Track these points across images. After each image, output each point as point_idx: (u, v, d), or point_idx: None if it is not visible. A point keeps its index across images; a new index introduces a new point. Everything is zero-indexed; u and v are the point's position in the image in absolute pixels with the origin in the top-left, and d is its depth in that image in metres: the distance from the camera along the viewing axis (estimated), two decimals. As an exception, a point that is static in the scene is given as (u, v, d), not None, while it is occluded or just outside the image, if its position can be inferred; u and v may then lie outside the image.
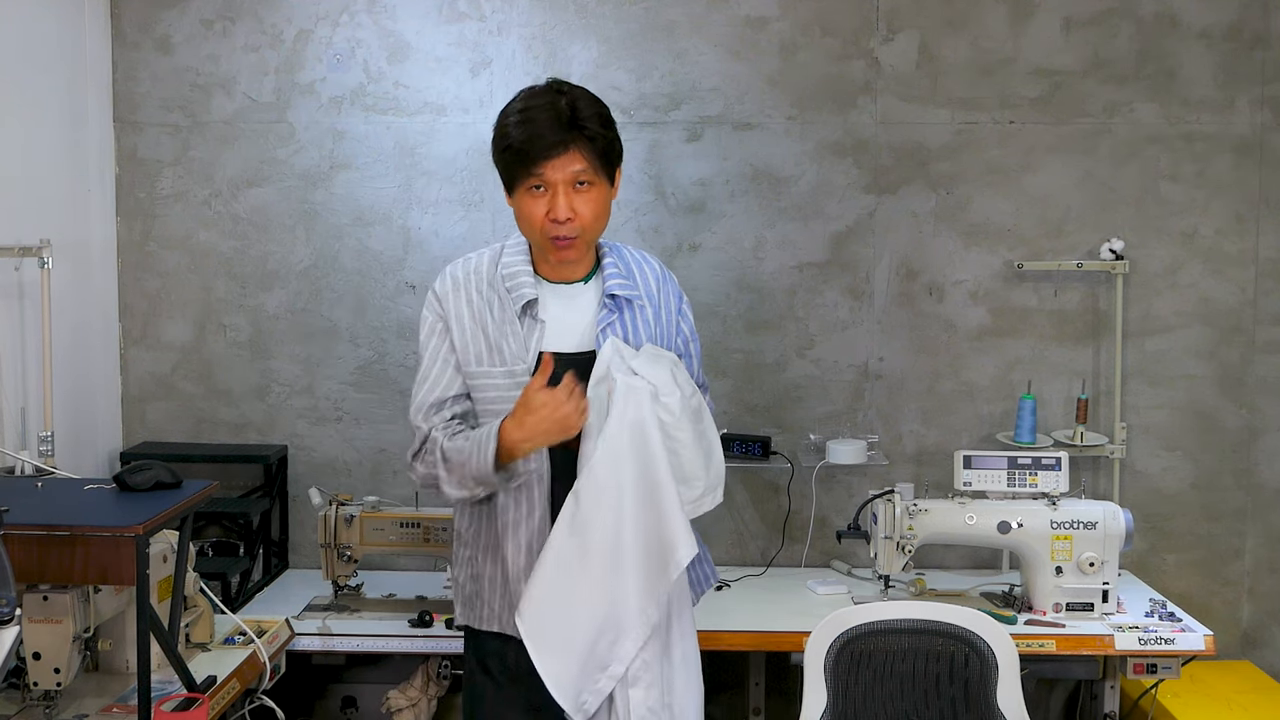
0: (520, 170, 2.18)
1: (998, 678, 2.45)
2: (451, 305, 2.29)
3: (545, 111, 2.16)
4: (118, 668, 2.55)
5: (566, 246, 2.21)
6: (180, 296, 3.54)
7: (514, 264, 2.29)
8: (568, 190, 2.17)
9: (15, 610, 1.79)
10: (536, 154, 2.15)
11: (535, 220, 2.19)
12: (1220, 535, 3.55)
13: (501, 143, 2.20)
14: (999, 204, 3.50)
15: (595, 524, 2.14)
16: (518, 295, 2.26)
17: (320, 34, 3.48)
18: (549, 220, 2.18)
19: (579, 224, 2.19)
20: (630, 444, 2.15)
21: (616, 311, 2.29)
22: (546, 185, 2.17)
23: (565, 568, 2.16)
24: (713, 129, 3.49)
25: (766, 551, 3.56)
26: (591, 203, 2.20)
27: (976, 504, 3.09)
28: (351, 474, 3.55)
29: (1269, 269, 3.51)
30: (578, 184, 2.18)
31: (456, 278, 2.31)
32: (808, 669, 2.48)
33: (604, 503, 2.14)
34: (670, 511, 2.16)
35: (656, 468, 2.16)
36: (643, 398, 2.16)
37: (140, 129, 3.50)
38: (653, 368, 2.21)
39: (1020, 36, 3.47)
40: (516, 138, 2.16)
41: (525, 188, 2.19)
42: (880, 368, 3.54)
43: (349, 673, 3.46)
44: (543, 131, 2.15)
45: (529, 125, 2.16)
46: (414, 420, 2.29)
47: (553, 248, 2.21)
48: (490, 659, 2.32)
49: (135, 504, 2.29)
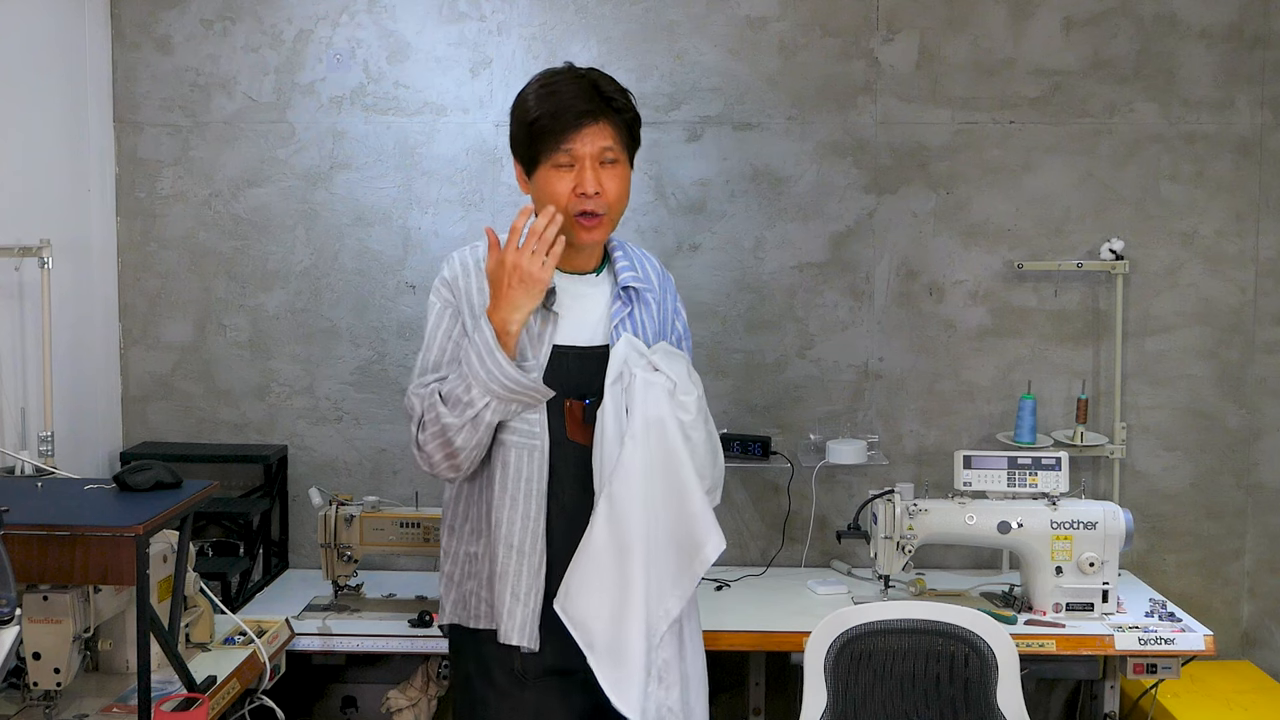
0: (548, 143, 2.12)
1: (998, 678, 2.46)
2: (463, 289, 2.21)
3: (571, 85, 2.13)
4: (118, 668, 2.55)
5: (594, 225, 2.16)
6: (180, 296, 3.54)
7: None
8: (595, 165, 2.14)
9: (15, 610, 1.78)
10: (566, 125, 2.10)
11: (561, 197, 2.13)
12: (1220, 535, 3.55)
13: (526, 118, 2.15)
14: (999, 204, 3.50)
15: (631, 522, 2.10)
16: None
17: (320, 34, 3.48)
18: (576, 195, 2.13)
19: (606, 200, 2.15)
20: (656, 440, 2.13)
21: (630, 304, 2.25)
22: (574, 160, 2.13)
23: (605, 568, 2.11)
24: (713, 129, 3.49)
25: (766, 551, 3.56)
26: (618, 179, 2.17)
27: (976, 504, 3.09)
28: (351, 474, 3.55)
29: (1269, 269, 3.51)
30: (604, 161, 2.15)
31: (466, 264, 2.24)
32: (808, 669, 2.48)
33: (636, 499, 2.10)
34: (697, 506, 2.15)
35: (681, 463, 2.14)
36: (661, 394, 2.14)
37: (140, 129, 3.50)
38: (670, 364, 2.19)
39: (1020, 36, 3.47)
40: (544, 109, 2.11)
41: (551, 164, 2.14)
42: (880, 368, 3.54)
43: (349, 673, 3.46)
44: (572, 103, 2.11)
45: (555, 98, 2.12)
46: (410, 399, 2.17)
47: (578, 226, 2.15)
48: (492, 662, 2.20)
49: (135, 504, 2.29)
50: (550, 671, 2.20)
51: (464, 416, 2.09)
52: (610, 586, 2.11)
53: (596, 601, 2.11)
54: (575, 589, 2.12)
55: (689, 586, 2.18)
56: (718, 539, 2.17)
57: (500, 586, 2.17)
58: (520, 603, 2.16)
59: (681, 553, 2.16)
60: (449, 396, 2.10)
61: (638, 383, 2.13)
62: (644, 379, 2.13)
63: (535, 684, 2.19)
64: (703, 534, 2.16)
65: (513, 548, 2.16)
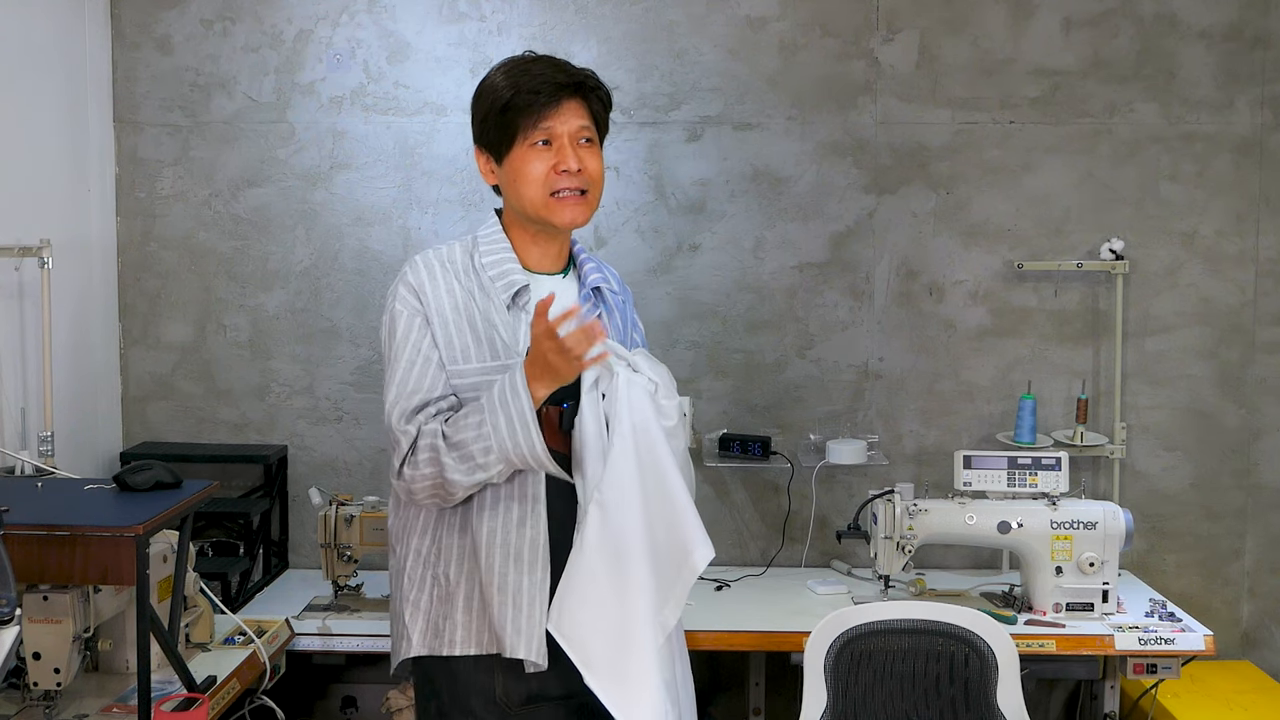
0: (524, 123, 2.07)
1: (998, 678, 2.46)
2: (430, 296, 2.10)
3: (541, 63, 2.10)
4: (118, 668, 2.55)
5: (576, 201, 2.10)
6: (180, 296, 3.54)
7: (496, 252, 2.15)
8: (574, 143, 2.10)
9: (15, 610, 1.78)
10: (544, 102, 2.06)
11: (538, 176, 2.08)
12: (1220, 535, 3.55)
13: (498, 100, 2.08)
14: (999, 204, 3.50)
15: (627, 529, 2.01)
16: (507, 283, 2.12)
17: (320, 34, 3.48)
18: (556, 173, 2.08)
19: (587, 176, 2.11)
20: (644, 443, 2.04)
21: (598, 306, 2.21)
22: (552, 138, 2.09)
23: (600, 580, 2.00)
24: (713, 129, 3.49)
25: (766, 551, 3.56)
26: (596, 159, 2.13)
27: (976, 504, 3.09)
28: (351, 474, 3.55)
29: (1269, 269, 3.51)
30: (581, 141, 2.11)
31: (431, 266, 2.13)
32: (808, 669, 2.48)
33: (630, 506, 2.01)
34: (686, 513, 2.04)
35: (668, 466, 2.05)
36: (644, 396, 2.06)
37: (140, 129, 3.50)
38: (653, 368, 2.13)
39: (1020, 36, 3.47)
40: (519, 87, 2.06)
41: (528, 144, 2.08)
42: (880, 368, 3.54)
43: (349, 673, 3.46)
44: (549, 76, 2.07)
45: (529, 76, 2.07)
46: (395, 426, 2.05)
47: (557, 206, 2.09)
48: (470, 692, 2.07)
49: (135, 504, 2.29)
50: (534, 698, 2.09)
51: (472, 476, 2.00)
52: (607, 599, 2.00)
53: (594, 616, 2.00)
54: (570, 605, 2.01)
55: (683, 595, 2.06)
56: (705, 548, 2.04)
57: (500, 600, 2.05)
58: (524, 614, 2.04)
59: (672, 560, 2.04)
60: (458, 447, 2.00)
61: (620, 382, 2.04)
62: (626, 378, 2.05)
63: (518, 712, 2.08)
64: (691, 540, 2.04)
65: (509, 557, 2.05)
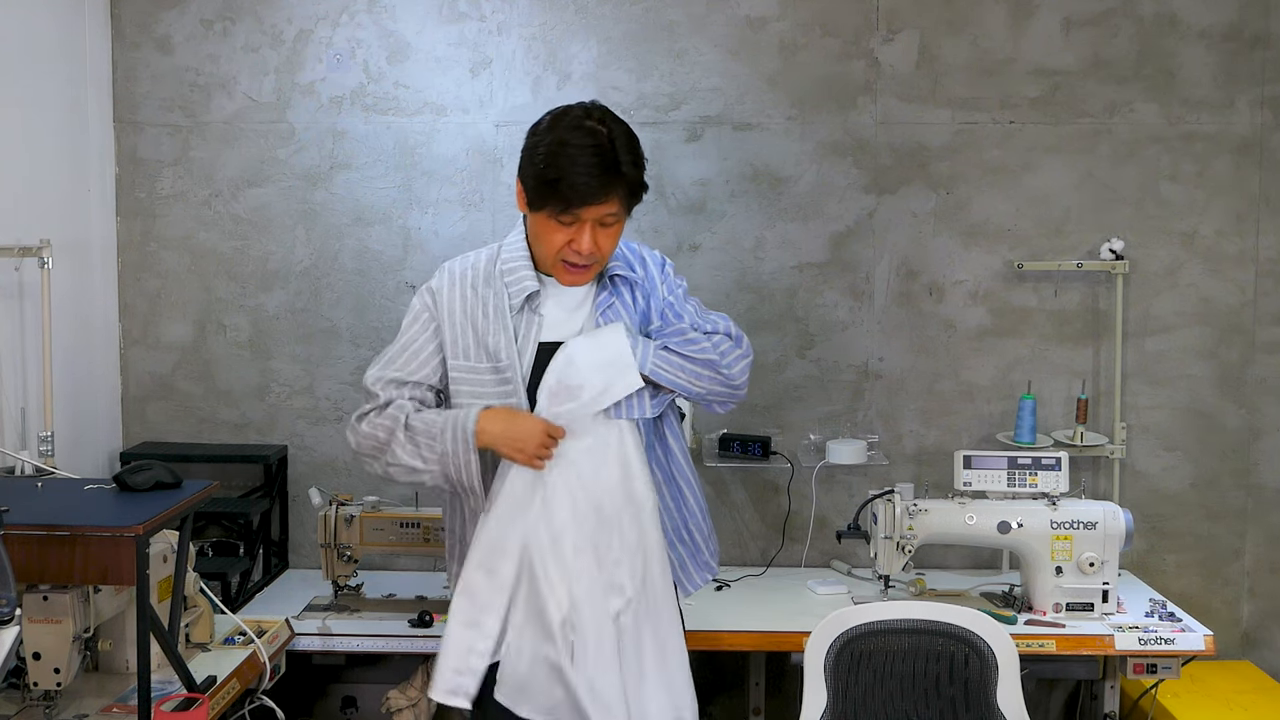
0: (554, 204, 2.17)
1: (998, 678, 2.45)
2: (445, 301, 2.33)
3: (588, 154, 2.14)
4: (118, 668, 2.55)
5: (579, 273, 2.26)
6: (180, 296, 3.54)
7: (514, 259, 2.31)
8: (594, 227, 2.19)
9: (15, 610, 1.79)
10: (577, 200, 2.14)
11: (554, 245, 2.22)
12: (1220, 535, 3.55)
13: (541, 174, 2.16)
14: (999, 204, 3.50)
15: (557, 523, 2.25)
16: (519, 289, 2.28)
17: (320, 34, 3.48)
18: (569, 248, 2.20)
19: (597, 254, 2.23)
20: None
21: (616, 294, 2.33)
22: (576, 220, 2.18)
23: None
24: (713, 129, 3.49)
25: (766, 551, 3.56)
26: (613, 237, 2.24)
27: (976, 504, 3.09)
28: (351, 474, 3.55)
29: (1269, 269, 3.51)
30: (604, 223, 2.20)
31: (454, 274, 2.35)
32: (808, 669, 2.48)
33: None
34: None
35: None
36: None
37: (140, 129, 3.50)
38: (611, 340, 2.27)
39: (1020, 36, 3.47)
40: (555, 175, 2.13)
41: (553, 216, 2.19)
42: (880, 368, 3.54)
43: (349, 673, 3.46)
44: (586, 178, 2.13)
45: (571, 166, 2.13)
46: (370, 385, 2.33)
47: (562, 272, 2.27)
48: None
49: (135, 504, 2.29)
50: None
51: (409, 463, 2.26)
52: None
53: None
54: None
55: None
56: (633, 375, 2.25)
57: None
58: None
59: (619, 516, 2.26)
60: (415, 432, 2.25)
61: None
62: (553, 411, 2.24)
63: None
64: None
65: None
